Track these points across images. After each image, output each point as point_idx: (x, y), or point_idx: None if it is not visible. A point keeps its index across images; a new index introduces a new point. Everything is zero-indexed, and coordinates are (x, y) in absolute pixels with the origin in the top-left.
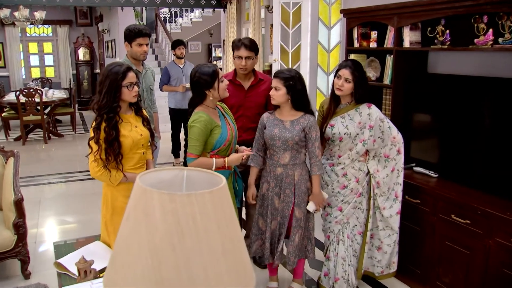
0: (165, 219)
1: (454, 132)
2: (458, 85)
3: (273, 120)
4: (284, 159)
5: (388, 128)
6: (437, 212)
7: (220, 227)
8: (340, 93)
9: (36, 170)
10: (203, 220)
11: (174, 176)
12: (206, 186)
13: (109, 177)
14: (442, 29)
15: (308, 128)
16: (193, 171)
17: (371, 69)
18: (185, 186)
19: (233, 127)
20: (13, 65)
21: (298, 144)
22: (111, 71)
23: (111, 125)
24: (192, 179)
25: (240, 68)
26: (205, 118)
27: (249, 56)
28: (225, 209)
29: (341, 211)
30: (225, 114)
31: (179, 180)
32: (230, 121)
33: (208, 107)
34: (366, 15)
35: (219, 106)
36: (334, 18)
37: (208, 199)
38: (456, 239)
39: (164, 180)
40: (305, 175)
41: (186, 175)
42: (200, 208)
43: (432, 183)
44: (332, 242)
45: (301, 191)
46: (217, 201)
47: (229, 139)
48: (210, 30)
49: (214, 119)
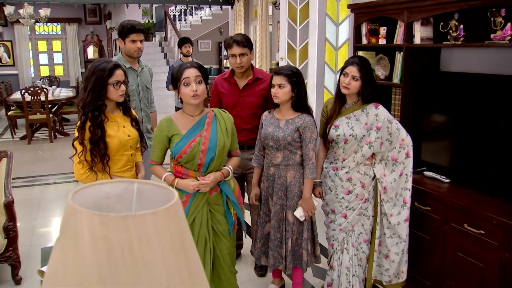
0: (95, 247)
1: (468, 135)
2: (473, 84)
3: (270, 119)
4: (276, 159)
5: (396, 129)
6: (448, 221)
7: (166, 257)
8: (346, 92)
9: (40, 169)
10: (142, 248)
11: (123, 190)
12: (160, 202)
13: (95, 180)
14: (456, 24)
15: (303, 129)
16: (144, 185)
17: (379, 67)
18: (135, 202)
19: (204, 141)
20: (22, 64)
21: (292, 145)
22: (97, 68)
23: (96, 124)
24: (144, 194)
25: (236, 66)
26: (162, 124)
27: (242, 52)
28: (173, 234)
29: (345, 218)
30: (211, 125)
31: (129, 194)
32: (211, 134)
33: (183, 113)
34: (374, 10)
35: (213, 114)
36: (343, 14)
37: (150, 222)
38: (469, 251)
39: (111, 195)
40: (299, 178)
41: (136, 189)
42: (138, 233)
43: (443, 189)
44: (336, 251)
45: (293, 194)
46: (162, 224)
47: (185, 152)
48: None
49: (179, 126)
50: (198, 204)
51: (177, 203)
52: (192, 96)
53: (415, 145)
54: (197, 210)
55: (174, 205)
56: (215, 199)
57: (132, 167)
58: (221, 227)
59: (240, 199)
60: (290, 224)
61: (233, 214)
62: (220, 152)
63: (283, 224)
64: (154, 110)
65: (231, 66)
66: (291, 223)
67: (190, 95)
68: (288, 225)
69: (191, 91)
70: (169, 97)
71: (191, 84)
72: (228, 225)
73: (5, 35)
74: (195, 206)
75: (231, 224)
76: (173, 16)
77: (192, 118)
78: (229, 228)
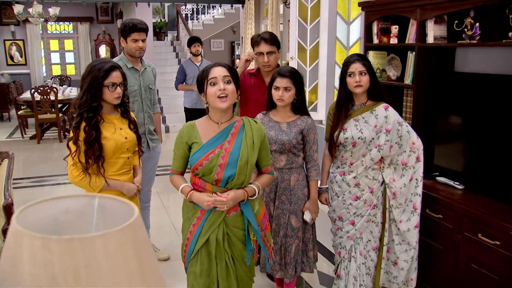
0: (35, 274)
1: (484, 139)
2: (489, 85)
3: (268, 122)
4: (280, 163)
5: (407, 132)
6: (461, 230)
7: (118, 286)
8: (361, 90)
9: (48, 169)
10: (90, 276)
11: (85, 205)
12: (123, 219)
13: (89, 182)
14: (471, 22)
15: (306, 131)
16: (106, 199)
17: (391, 68)
18: (95, 218)
19: (224, 154)
20: (34, 63)
21: (296, 147)
22: (94, 67)
23: (91, 125)
24: (105, 210)
25: (263, 65)
26: (183, 129)
27: (270, 51)
28: (128, 259)
29: (353, 225)
30: (236, 136)
31: (90, 210)
32: (234, 147)
33: (209, 119)
34: (386, 7)
35: (242, 123)
36: (354, 13)
37: (100, 245)
38: (483, 262)
39: (71, 211)
40: (302, 181)
41: (97, 204)
42: (86, 258)
43: (456, 196)
44: (344, 259)
45: (297, 197)
46: (114, 247)
47: (201, 164)
48: (233, 28)
49: (201, 133)
50: (213, 222)
51: (135, 222)
52: (219, 96)
53: (428, 149)
54: (212, 229)
55: (131, 225)
56: (234, 220)
57: (129, 170)
58: (237, 252)
59: (265, 225)
60: (294, 229)
61: (253, 240)
62: (242, 168)
63: (283, 229)
64: (157, 111)
65: (258, 65)
66: (295, 228)
67: (216, 95)
68: (291, 230)
69: (218, 90)
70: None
71: (219, 83)
72: (245, 252)
73: (17, 34)
74: (210, 223)
75: (249, 252)
76: (185, 15)
77: (216, 125)
78: (246, 256)
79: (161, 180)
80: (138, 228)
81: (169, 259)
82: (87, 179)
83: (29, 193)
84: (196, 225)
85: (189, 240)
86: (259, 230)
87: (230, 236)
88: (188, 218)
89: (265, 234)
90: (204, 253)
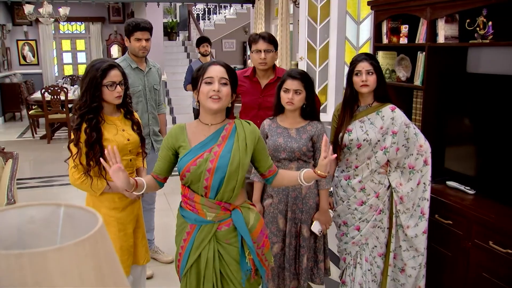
0: None
1: (497, 142)
2: (502, 87)
3: (275, 128)
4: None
5: (414, 134)
6: (472, 237)
7: None
8: (367, 90)
9: (56, 170)
10: None
11: (51, 213)
12: (90, 230)
13: (90, 185)
14: (484, 21)
15: (317, 137)
16: (72, 209)
17: (401, 68)
18: (61, 228)
19: (213, 158)
20: (46, 63)
21: (306, 155)
22: (92, 68)
23: (92, 126)
24: (72, 218)
25: (259, 62)
26: (171, 130)
27: (268, 49)
28: (86, 275)
29: (358, 230)
30: (227, 139)
31: (56, 219)
32: (224, 150)
33: (199, 121)
34: (395, 6)
35: (234, 125)
36: (364, 12)
37: (53, 261)
38: (494, 271)
39: (37, 220)
40: (313, 189)
41: (63, 213)
42: (36, 275)
43: (467, 201)
44: (349, 266)
45: (308, 206)
46: (69, 263)
47: (188, 170)
48: (245, 28)
49: (190, 136)
50: (204, 237)
51: (95, 234)
52: (211, 96)
53: (438, 152)
54: (203, 245)
55: (90, 238)
56: (226, 236)
57: (132, 172)
58: (231, 273)
59: (262, 241)
60: (305, 239)
61: (249, 259)
62: (233, 173)
63: (296, 240)
64: (163, 112)
65: (254, 63)
66: (306, 238)
67: (208, 95)
68: (303, 240)
69: (212, 90)
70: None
71: (214, 83)
72: (241, 273)
73: (30, 35)
74: (200, 240)
75: (245, 272)
76: (197, 15)
77: (207, 128)
78: (242, 277)
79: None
80: (100, 240)
81: (173, 262)
82: (88, 181)
83: (37, 193)
84: (186, 240)
85: (181, 256)
86: (256, 248)
87: (222, 254)
88: (179, 232)
89: (263, 252)
90: (194, 272)
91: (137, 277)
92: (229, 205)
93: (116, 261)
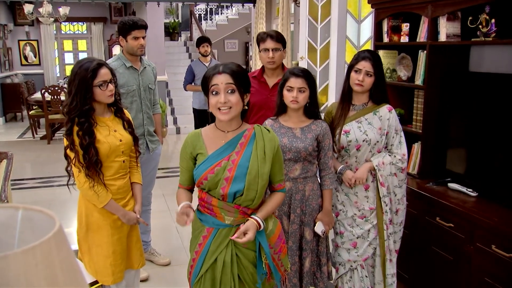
0: None
1: (500, 143)
2: (506, 86)
3: (279, 128)
4: (294, 172)
5: (399, 143)
6: (474, 241)
7: None
8: (360, 89)
9: (56, 170)
10: None
11: (9, 217)
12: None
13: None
14: (487, 18)
15: (322, 136)
16: (31, 212)
17: (402, 68)
18: (18, 232)
19: (231, 167)
20: (47, 63)
21: (311, 155)
22: (80, 68)
23: (84, 130)
24: (30, 222)
25: (268, 61)
26: (187, 139)
27: (276, 47)
28: (39, 284)
29: (355, 247)
30: (245, 146)
31: (14, 223)
32: (243, 159)
33: (215, 128)
34: (396, 4)
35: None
36: (365, 11)
37: (3, 268)
38: (497, 276)
39: None
40: (316, 190)
41: (21, 216)
42: None
43: (469, 204)
44: (345, 274)
45: (311, 208)
46: (17, 272)
47: (206, 178)
48: (247, 28)
49: (207, 143)
50: (221, 242)
51: (50, 240)
52: (219, 108)
53: (440, 153)
54: (220, 249)
55: (44, 244)
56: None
57: (125, 174)
58: (247, 276)
59: (279, 247)
60: (308, 242)
61: (266, 263)
62: (252, 183)
63: (298, 242)
64: (158, 111)
65: (262, 61)
66: (309, 241)
67: (216, 106)
68: (306, 243)
69: (218, 102)
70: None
71: (220, 93)
72: (257, 276)
73: (31, 35)
74: (217, 244)
75: (260, 276)
76: (199, 15)
77: (223, 134)
78: (258, 281)
79: (168, 182)
80: (55, 247)
81: (170, 264)
82: (96, 187)
83: (36, 194)
84: (202, 244)
85: (195, 261)
86: (272, 253)
87: (240, 258)
88: (195, 236)
89: (279, 258)
90: (209, 277)
91: (130, 282)
92: (247, 209)
93: (76, 270)
